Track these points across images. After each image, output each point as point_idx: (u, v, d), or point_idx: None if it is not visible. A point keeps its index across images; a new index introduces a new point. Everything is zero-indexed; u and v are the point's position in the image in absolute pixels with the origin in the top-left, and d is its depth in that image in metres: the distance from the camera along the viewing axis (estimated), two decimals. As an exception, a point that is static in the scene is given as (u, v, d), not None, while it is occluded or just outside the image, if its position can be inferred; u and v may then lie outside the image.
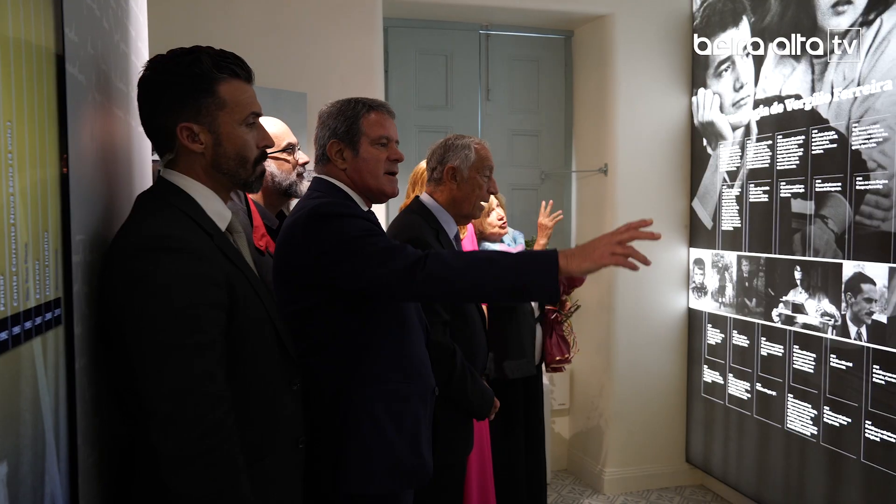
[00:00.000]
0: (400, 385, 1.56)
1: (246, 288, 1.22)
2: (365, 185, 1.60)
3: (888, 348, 2.51)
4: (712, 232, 3.52)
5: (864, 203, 2.60)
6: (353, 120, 1.59)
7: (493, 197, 2.97)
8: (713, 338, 3.54)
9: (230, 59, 1.25)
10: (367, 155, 1.59)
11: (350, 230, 1.46)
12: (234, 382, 1.16)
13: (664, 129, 3.66)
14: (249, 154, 1.26)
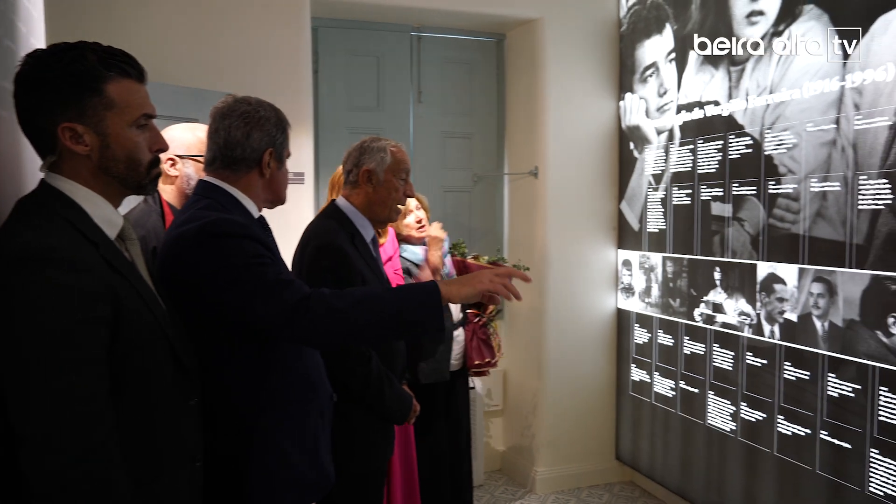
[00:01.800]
0: (299, 401, 1.51)
1: (135, 300, 1.17)
2: (276, 196, 1.60)
3: (798, 346, 2.61)
4: (639, 234, 3.60)
5: (777, 206, 2.70)
6: (285, 132, 1.58)
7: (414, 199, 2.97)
8: (640, 337, 3.61)
9: (119, 57, 1.19)
10: (285, 169, 1.62)
11: (241, 255, 1.37)
12: (123, 399, 1.11)
13: (593, 132, 3.72)
14: (141, 157, 1.21)
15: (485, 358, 3.01)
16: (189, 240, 1.39)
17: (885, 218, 2.26)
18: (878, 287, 2.28)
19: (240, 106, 1.52)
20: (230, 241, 1.38)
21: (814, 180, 2.53)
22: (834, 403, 2.47)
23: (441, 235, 2.92)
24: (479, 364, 3.01)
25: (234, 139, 1.50)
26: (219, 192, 1.51)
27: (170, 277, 1.37)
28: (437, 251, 2.91)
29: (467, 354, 3.02)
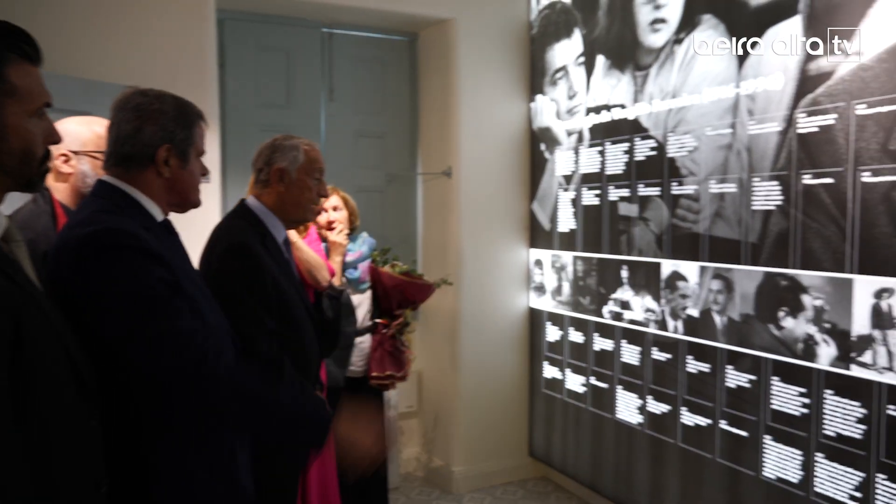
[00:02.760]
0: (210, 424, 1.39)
1: (33, 311, 1.05)
2: (183, 198, 1.47)
3: (699, 340, 2.74)
4: (550, 233, 3.67)
5: (679, 207, 2.82)
6: (191, 128, 1.43)
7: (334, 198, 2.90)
8: (552, 335, 3.69)
9: (21, 37, 1.07)
10: (193, 168, 1.47)
11: (130, 280, 1.24)
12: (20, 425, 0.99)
13: (505, 133, 3.77)
14: (37, 150, 1.10)
15: (385, 370, 2.91)
16: (71, 251, 1.25)
17: (776, 218, 2.40)
18: (771, 283, 2.42)
19: (135, 98, 1.39)
20: (119, 264, 1.25)
21: (713, 182, 2.66)
22: (732, 394, 2.61)
23: (342, 241, 2.83)
24: (378, 377, 2.92)
25: (123, 134, 1.37)
26: (116, 192, 1.37)
27: (56, 287, 1.24)
28: (337, 256, 2.83)
29: (369, 364, 2.94)
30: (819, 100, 2.24)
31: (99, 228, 1.27)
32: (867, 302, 2.12)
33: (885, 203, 2.05)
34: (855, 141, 2.13)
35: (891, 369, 2.06)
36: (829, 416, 2.26)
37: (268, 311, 1.77)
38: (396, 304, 3.02)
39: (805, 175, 2.29)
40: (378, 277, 3.01)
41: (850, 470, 2.19)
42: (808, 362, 2.30)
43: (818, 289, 2.26)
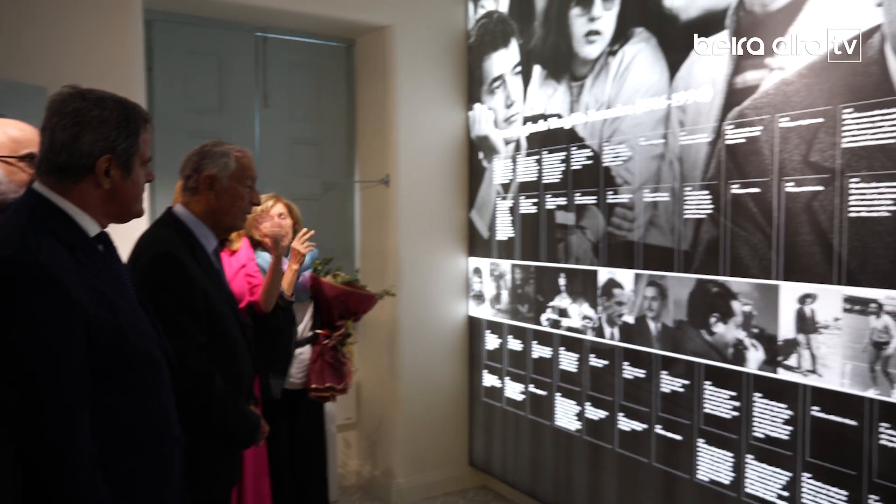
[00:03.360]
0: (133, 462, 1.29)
1: None
2: (124, 209, 1.37)
3: (635, 346, 2.79)
4: (489, 241, 3.68)
5: (614, 215, 2.87)
6: (136, 135, 1.33)
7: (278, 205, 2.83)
8: (491, 343, 3.69)
9: None
10: (137, 177, 1.36)
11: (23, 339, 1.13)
12: None
13: (443, 141, 3.76)
14: None
15: (325, 382, 2.86)
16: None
17: (706, 226, 2.47)
18: (702, 289, 2.49)
19: (72, 102, 1.27)
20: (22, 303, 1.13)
21: (646, 191, 2.71)
22: (666, 399, 2.66)
23: (303, 250, 2.79)
24: (318, 388, 2.86)
25: (59, 141, 1.26)
26: (44, 205, 1.26)
27: None
28: (295, 265, 2.77)
29: (308, 375, 2.88)
30: (745, 112, 2.32)
31: (8, 255, 1.16)
32: (792, 307, 2.19)
33: (807, 212, 2.13)
34: (779, 152, 2.21)
35: (814, 371, 2.14)
36: (757, 418, 2.32)
37: (197, 323, 1.70)
38: (338, 315, 2.97)
39: (733, 185, 2.36)
40: (319, 287, 2.95)
41: (778, 470, 2.26)
42: (738, 366, 2.37)
43: (747, 295, 2.33)
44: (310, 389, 2.87)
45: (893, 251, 1.93)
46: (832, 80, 2.06)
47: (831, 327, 2.09)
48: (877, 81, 1.96)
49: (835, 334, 2.08)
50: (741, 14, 2.33)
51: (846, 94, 2.03)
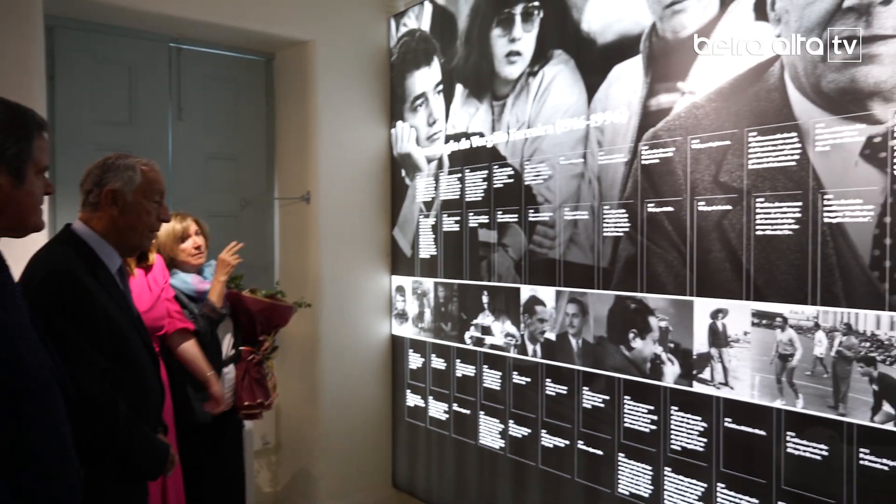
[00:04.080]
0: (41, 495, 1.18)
1: None
2: (19, 222, 1.26)
3: (557, 363, 2.81)
4: (412, 260, 3.65)
5: (535, 233, 2.90)
6: (28, 140, 1.23)
7: (193, 223, 2.73)
8: (414, 362, 3.65)
9: None
10: (32, 187, 1.26)
11: None
12: None
13: (365, 158, 3.72)
14: None
15: (256, 399, 2.80)
16: None
17: (624, 244, 2.53)
18: (621, 306, 2.54)
19: None
20: None
21: (567, 209, 2.76)
22: (588, 415, 2.69)
23: (232, 261, 2.71)
24: (250, 405, 2.79)
25: None
26: None
27: None
28: (223, 276, 2.69)
29: (237, 394, 2.79)
30: (659, 134, 2.39)
31: None
32: (705, 322, 2.27)
33: (718, 230, 2.22)
34: (691, 173, 2.29)
35: (726, 384, 2.21)
36: (674, 431, 2.38)
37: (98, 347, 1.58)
38: (260, 330, 2.88)
39: (649, 204, 2.43)
40: (240, 303, 2.85)
41: (694, 481, 2.32)
42: (656, 381, 2.43)
43: (663, 311, 2.39)
44: (241, 408, 2.78)
45: (796, 268, 2.02)
46: (738, 105, 2.16)
47: (741, 341, 2.17)
48: (778, 107, 2.06)
49: (744, 348, 2.16)
50: (654, 40, 2.41)
51: (751, 118, 2.13)
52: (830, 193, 1.94)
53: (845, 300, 1.92)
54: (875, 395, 1.87)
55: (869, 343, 1.88)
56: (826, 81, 1.94)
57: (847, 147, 1.91)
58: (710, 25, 2.23)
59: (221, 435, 2.77)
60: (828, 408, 1.97)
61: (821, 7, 1.94)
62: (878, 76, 1.84)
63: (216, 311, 2.67)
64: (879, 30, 1.83)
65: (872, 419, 1.88)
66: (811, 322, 2.00)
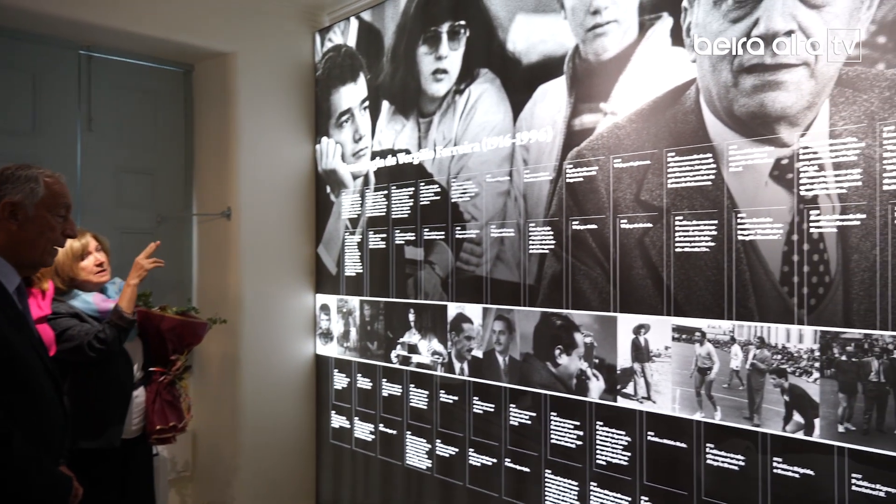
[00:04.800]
0: None
1: None
2: None
3: (484, 381, 2.80)
4: (337, 278, 3.58)
5: (462, 250, 2.89)
6: None
7: (92, 239, 2.57)
8: (340, 383, 3.57)
9: None
10: None
11: None
12: None
13: (289, 174, 3.63)
14: None
15: (169, 422, 2.65)
16: None
17: (550, 261, 2.56)
18: (547, 322, 2.56)
19: None
20: None
21: (493, 227, 2.77)
22: (515, 432, 2.69)
23: (147, 265, 2.56)
24: (163, 430, 2.64)
25: None
26: None
27: None
28: (135, 279, 2.54)
29: (148, 419, 2.64)
30: (583, 153, 2.44)
31: None
32: (628, 337, 2.31)
33: (639, 248, 2.27)
34: (613, 191, 2.35)
35: (649, 398, 2.26)
36: (600, 446, 2.41)
37: (-9, 374, 1.45)
38: (172, 350, 2.73)
39: (574, 221, 2.47)
40: (150, 321, 2.69)
41: (619, 495, 2.35)
42: (581, 396, 2.45)
43: (588, 327, 2.43)
44: (153, 433, 2.62)
45: (713, 284, 2.09)
46: (658, 126, 2.23)
47: (662, 356, 2.22)
48: (694, 129, 2.14)
49: (666, 362, 2.21)
50: (577, 61, 2.47)
51: (669, 139, 2.20)
52: (743, 212, 2.03)
53: (758, 314, 2.00)
54: (786, 405, 1.95)
55: (780, 355, 1.96)
56: (738, 106, 2.03)
57: (758, 168, 2.00)
58: (630, 49, 2.30)
59: (130, 463, 2.61)
60: (744, 419, 2.04)
61: (731, 35, 2.04)
62: (784, 102, 1.94)
63: (124, 319, 2.48)
64: (784, 59, 1.93)
65: (784, 429, 1.95)
66: (727, 336, 2.07)
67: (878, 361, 1.79)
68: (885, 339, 1.77)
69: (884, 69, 1.77)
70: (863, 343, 1.81)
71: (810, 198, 1.90)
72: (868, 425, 1.80)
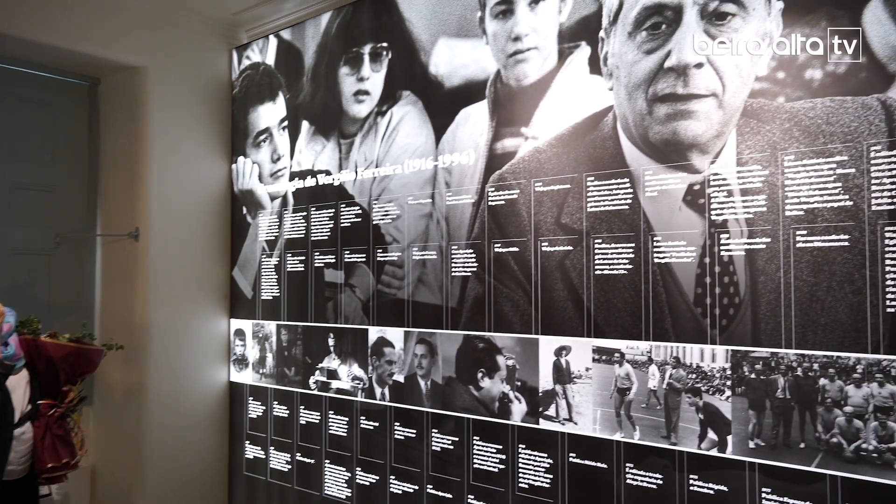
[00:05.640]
0: None
1: None
2: None
3: (406, 406, 2.75)
4: (253, 301, 3.45)
5: (384, 273, 2.85)
6: None
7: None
8: (255, 411, 3.42)
9: None
10: None
11: None
12: None
13: (203, 194, 3.49)
14: None
15: (61, 459, 2.45)
16: None
17: (472, 283, 2.55)
18: (469, 346, 2.55)
19: None
20: None
21: (415, 249, 2.75)
22: (437, 457, 2.65)
23: None
24: (54, 467, 2.43)
25: None
26: None
27: None
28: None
29: (37, 457, 2.42)
30: (505, 176, 2.47)
31: None
32: (550, 359, 2.33)
33: (560, 270, 2.30)
34: (534, 214, 2.38)
35: (570, 420, 2.28)
36: (522, 469, 2.40)
37: None
38: (65, 379, 2.54)
39: (496, 244, 2.48)
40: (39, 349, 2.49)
41: (542, 519, 2.34)
42: (504, 419, 2.45)
43: (510, 349, 2.43)
44: (43, 472, 2.40)
45: (631, 305, 2.14)
46: (577, 151, 2.28)
47: (583, 377, 2.25)
48: (612, 154, 2.21)
49: (587, 383, 2.24)
50: (499, 86, 2.50)
51: (588, 164, 2.25)
52: (659, 235, 2.09)
53: (674, 335, 2.06)
54: (701, 423, 2.01)
55: (695, 375, 2.02)
56: (652, 133, 2.10)
57: (672, 193, 2.07)
58: (550, 76, 2.35)
59: None
60: (661, 438, 2.08)
61: (645, 66, 2.12)
62: (695, 130, 2.03)
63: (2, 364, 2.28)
64: (695, 90, 2.02)
65: (699, 446, 2.01)
66: (645, 356, 2.12)
67: (783, 378, 1.87)
68: (790, 357, 1.86)
69: (783, 102, 1.88)
70: (770, 361, 1.89)
71: (720, 222, 1.98)
72: (776, 440, 1.88)
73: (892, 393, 1.72)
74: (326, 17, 3.14)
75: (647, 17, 2.08)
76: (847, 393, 1.78)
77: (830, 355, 1.80)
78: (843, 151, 1.79)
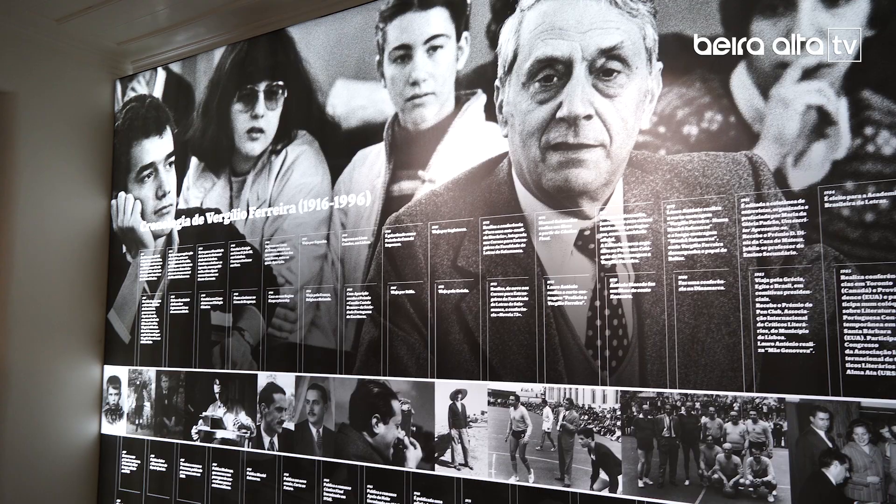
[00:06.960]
0: None
1: None
2: None
3: (296, 455, 2.63)
4: (130, 346, 3.22)
5: (275, 316, 2.75)
6: None
7: None
8: (128, 465, 3.16)
9: None
10: None
11: None
12: None
13: (77, 231, 3.25)
14: None
15: None
16: None
17: (367, 327, 2.50)
18: (364, 390, 2.49)
19: None
20: None
21: (309, 291, 2.67)
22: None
23: None
24: None
25: None
26: None
27: None
28: None
29: None
30: (402, 218, 2.46)
31: None
32: (445, 403, 2.31)
33: (456, 313, 2.31)
34: (431, 257, 2.38)
35: (466, 464, 2.25)
36: (417, 517, 2.34)
37: None
38: None
39: (392, 286, 2.46)
40: None
41: (437, 569, 2.28)
42: (399, 466, 2.39)
43: (406, 393, 2.39)
44: None
45: (525, 348, 2.17)
46: (474, 195, 2.32)
47: (479, 420, 2.24)
48: (507, 199, 2.26)
49: (482, 427, 2.23)
50: (396, 129, 2.51)
51: (484, 208, 2.29)
52: (552, 279, 2.15)
53: (567, 377, 2.10)
54: (593, 464, 2.04)
55: (587, 416, 2.06)
56: (545, 179, 2.17)
57: (564, 238, 2.14)
58: (448, 121, 2.39)
59: None
60: (555, 480, 2.10)
61: (538, 115, 2.20)
62: (585, 178, 2.11)
63: None
64: (584, 140, 2.12)
65: (592, 487, 2.04)
66: (539, 399, 2.14)
67: (668, 418, 1.95)
68: (675, 397, 1.94)
69: (665, 154, 2.01)
70: (656, 401, 1.97)
71: (609, 266, 2.06)
72: (663, 479, 1.94)
73: (764, 429, 1.82)
74: (220, 53, 3.06)
75: (540, 70, 2.16)
76: (726, 430, 1.87)
77: (710, 394, 1.89)
78: (717, 202, 1.92)
